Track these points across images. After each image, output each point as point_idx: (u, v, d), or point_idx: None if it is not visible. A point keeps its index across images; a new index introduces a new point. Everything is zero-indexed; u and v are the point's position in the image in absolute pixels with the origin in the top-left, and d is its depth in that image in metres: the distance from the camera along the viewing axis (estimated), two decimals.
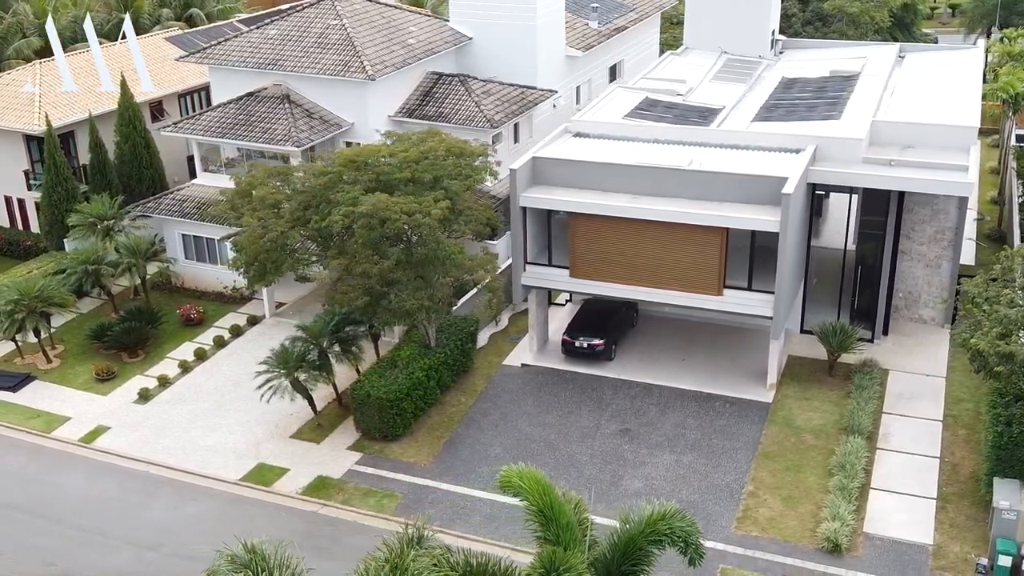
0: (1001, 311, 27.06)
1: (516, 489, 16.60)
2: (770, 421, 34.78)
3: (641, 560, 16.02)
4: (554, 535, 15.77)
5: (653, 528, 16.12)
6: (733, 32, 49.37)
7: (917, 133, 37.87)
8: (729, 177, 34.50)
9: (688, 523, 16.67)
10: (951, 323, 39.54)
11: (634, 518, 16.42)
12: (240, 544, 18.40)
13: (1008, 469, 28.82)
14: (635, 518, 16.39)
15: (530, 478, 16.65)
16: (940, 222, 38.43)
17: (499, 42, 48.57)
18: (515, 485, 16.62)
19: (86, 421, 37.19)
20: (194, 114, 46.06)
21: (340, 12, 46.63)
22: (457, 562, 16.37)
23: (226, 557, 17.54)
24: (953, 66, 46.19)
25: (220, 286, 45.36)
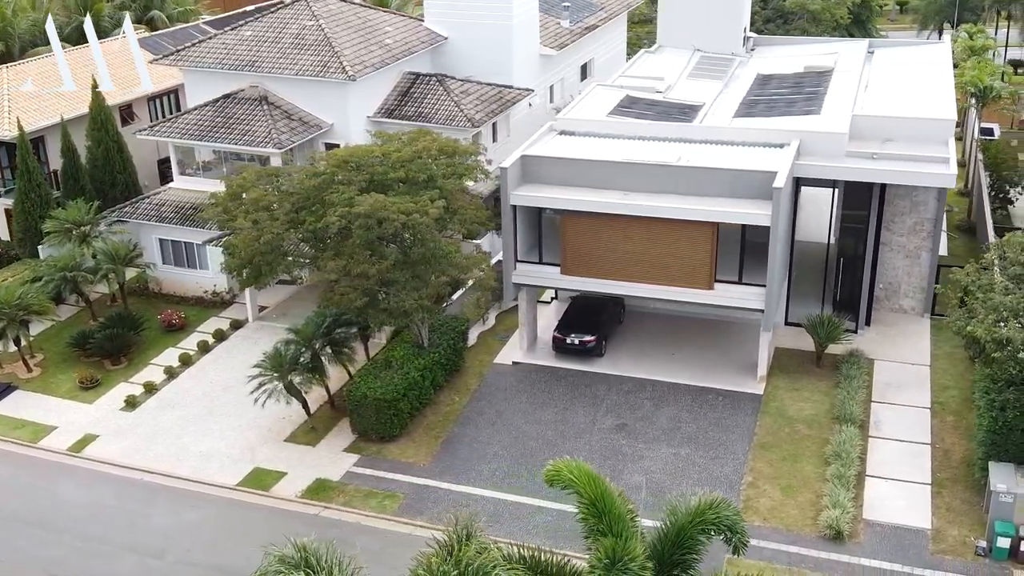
0: (996, 298, 27.70)
1: (566, 482, 16.69)
2: (763, 412, 35.25)
3: (691, 549, 16.22)
4: (607, 526, 15.90)
5: (702, 517, 16.33)
6: (706, 30, 49.90)
7: (896, 126, 38.59)
8: (719, 172, 34.91)
9: (733, 511, 16.91)
10: (931, 312, 40.39)
11: (682, 509, 16.60)
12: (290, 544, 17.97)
13: (1003, 453, 29.48)
14: (683, 509, 16.56)
15: (580, 470, 16.76)
16: (919, 213, 39.21)
17: (475, 42, 48.64)
18: (565, 478, 16.71)
19: (73, 430, 36.63)
20: (170, 117, 45.50)
21: (316, 12, 46.37)
22: (510, 555, 16.42)
23: (275, 557, 17.35)
24: (922, 60, 47.12)
25: (200, 291, 44.93)
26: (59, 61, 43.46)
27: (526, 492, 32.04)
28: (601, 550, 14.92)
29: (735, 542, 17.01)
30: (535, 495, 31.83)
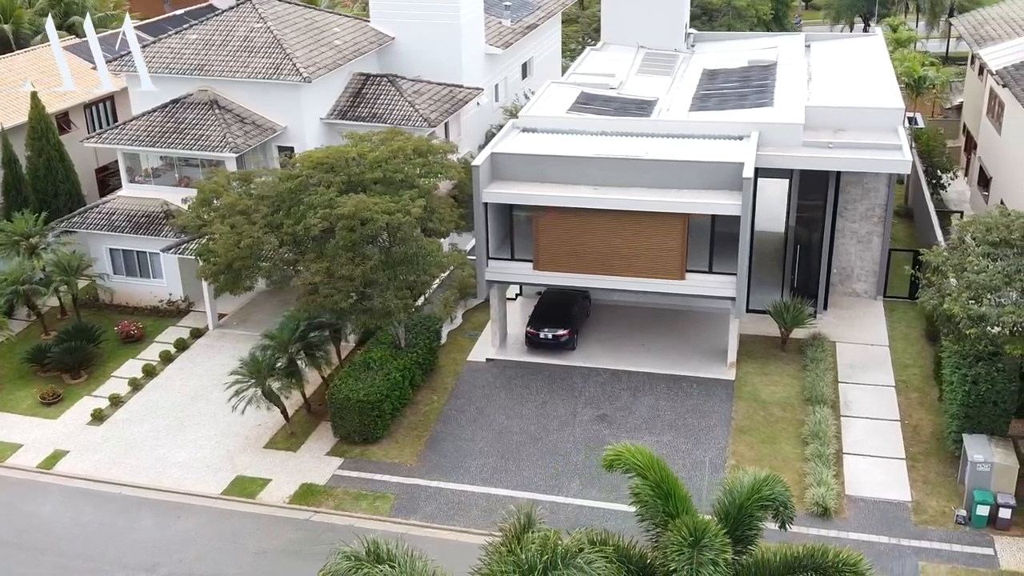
0: (971, 277, 28.93)
1: (629, 465, 17.02)
2: (737, 397, 36.13)
3: (751, 526, 16.69)
4: (674, 508, 16.28)
5: (759, 494, 16.83)
6: (649, 27, 50.82)
7: (847, 116, 39.94)
8: (689, 165, 35.65)
9: (784, 487, 17.46)
10: (883, 295, 41.89)
11: (738, 487, 17.06)
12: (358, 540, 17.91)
13: (976, 425, 30.82)
14: (739, 487, 17.03)
15: (641, 454, 17.12)
16: (871, 200, 40.61)
17: (423, 41, 48.68)
18: (627, 461, 17.03)
19: (41, 447, 35.63)
20: (117, 124, 44.44)
21: (263, 15, 45.83)
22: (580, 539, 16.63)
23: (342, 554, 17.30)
24: (859, 52, 48.77)
25: (155, 300, 44.01)
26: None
27: (517, 486, 32.30)
28: (683, 529, 15.27)
29: (783, 517, 17.56)
30: (527, 489, 32.15)
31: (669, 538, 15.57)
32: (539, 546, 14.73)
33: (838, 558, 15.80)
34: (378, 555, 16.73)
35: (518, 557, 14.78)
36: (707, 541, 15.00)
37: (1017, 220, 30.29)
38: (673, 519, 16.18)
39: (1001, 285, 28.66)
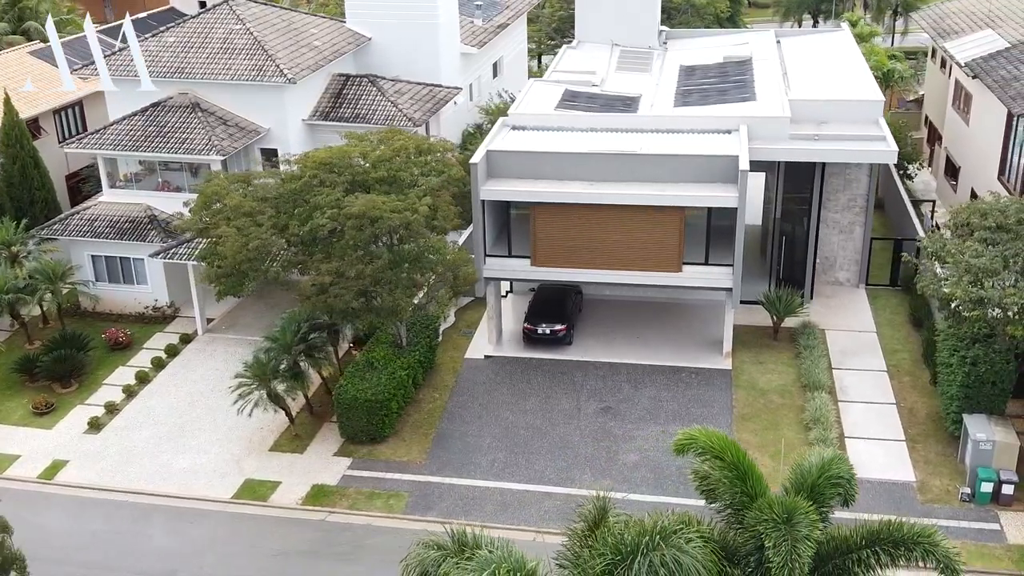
0: (971, 261, 29.86)
1: (702, 447, 17.35)
2: (736, 386, 36.79)
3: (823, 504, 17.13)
4: (752, 488, 16.69)
5: (828, 472, 17.31)
6: (622, 25, 51.39)
7: (830, 109, 40.82)
8: (683, 159, 36.23)
9: (848, 465, 17.97)
10: (865, 283, 42.94)
11: (807, 467, 17.52)
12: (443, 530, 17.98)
13: (975, 405, 31.79)
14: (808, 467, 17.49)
15: (715, 436, 17.46)
16: (852, 190, 41.60)
17: (400, 42, 48.71)
18: (701, 444, 17.35)
19: (39, 457, 35.05)
20: (98, 128, 43.73)
21: (241, 17, 45.52)
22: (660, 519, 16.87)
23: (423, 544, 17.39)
24: (829, 47, 49.85)
25: (140, 307, 43.44)
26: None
27: (530, 480, 32.57)
28: (777, 507, 15.68)
29: (847, 495, 18.07)
30: (540, 482, 32.45)
31: (756, 516, 15.95)
32: (637, 528, 15.01)
33: (913, 531, 16.34)
34: (463, 544, 16.88)
35: (617, 540, 15.05)
36: (799, 518, 15.42)
37: (1012, 205, 31.32)
38: (754, 499, 16.59)
39: (1000, 269, 29.62)
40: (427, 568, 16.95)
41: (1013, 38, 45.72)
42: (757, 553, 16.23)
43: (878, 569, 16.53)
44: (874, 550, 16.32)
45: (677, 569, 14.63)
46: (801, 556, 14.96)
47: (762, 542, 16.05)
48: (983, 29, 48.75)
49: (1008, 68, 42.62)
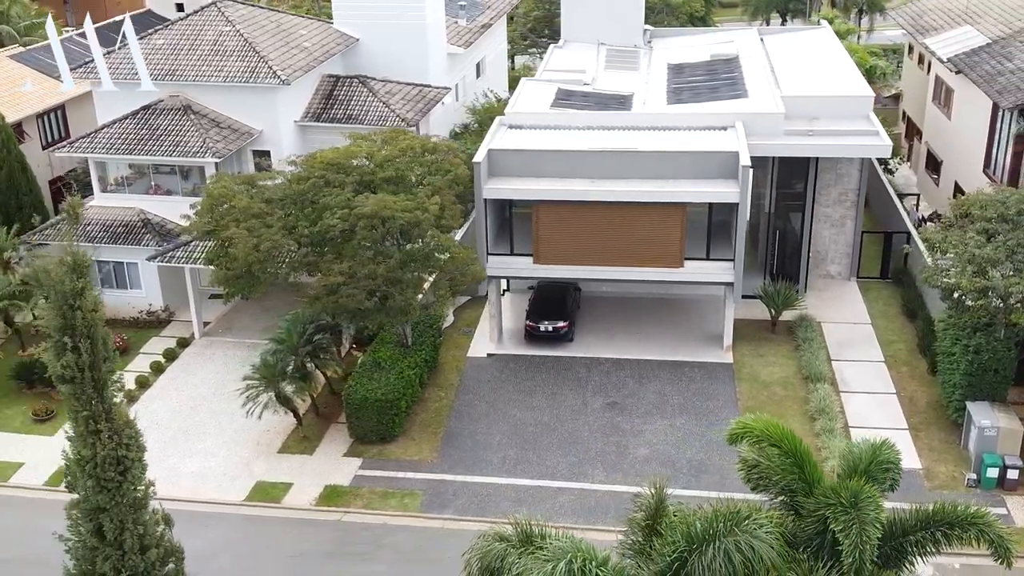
0: (974, 252, 30.54)
1: (760, 436, 17.64)
2: (739, 379, 37.27)
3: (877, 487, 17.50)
4: (810, 475, 17.03)
5: (878, 457, 17.69)
6: (608, 24, 51.78)
7: (821, 105, 41.46)
8: (685, 155, 36.63)
9: (895, 451, 18.35)
10: (856, 276, 43.65)
11: (857, 452, 17.87)
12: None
13: (977, 393, 32.49)
14: (858, 452, 17.84)
15: (771, 424, 17.76)
16: (844, 185, 42.25)
17: (388, 42, 48.70)
18: (758, 433, 17.65)
19: (43, 464, 34.64)
20: (89, 132, 43.27)
21: (231, 18, 45.28)
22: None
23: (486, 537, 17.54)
24: (812, 45, 50.58)
25: (135, 311, 43.06)
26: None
27: (542, 476, 32.79)
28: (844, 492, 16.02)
29: (892, 479, 18.45)
30: (552, 478, 32.68)
31: (821, 501, 16.29)
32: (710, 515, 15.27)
33: (967, 513, 16.77)
34: (528, 536, 17.04)
35: (688, 528, 15.30)
36: (865, 501, 15.77)
37: (1013, 196, 32.06)
38: (811, 486, 16.93)
39: (1003, 258, 30.32)
40: (490, 561, 17.09)
41: (993, 34, 46.69)
42: (817, 539, 16.57)
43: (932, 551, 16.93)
44: (930, 532, 16.71)
45: (751, 555, 14.91)
46: (870, 538, 15.32)
47: (823, 527, 16.40)
48: (962, 26, 49.71)
49: (991, 63, 43.52)
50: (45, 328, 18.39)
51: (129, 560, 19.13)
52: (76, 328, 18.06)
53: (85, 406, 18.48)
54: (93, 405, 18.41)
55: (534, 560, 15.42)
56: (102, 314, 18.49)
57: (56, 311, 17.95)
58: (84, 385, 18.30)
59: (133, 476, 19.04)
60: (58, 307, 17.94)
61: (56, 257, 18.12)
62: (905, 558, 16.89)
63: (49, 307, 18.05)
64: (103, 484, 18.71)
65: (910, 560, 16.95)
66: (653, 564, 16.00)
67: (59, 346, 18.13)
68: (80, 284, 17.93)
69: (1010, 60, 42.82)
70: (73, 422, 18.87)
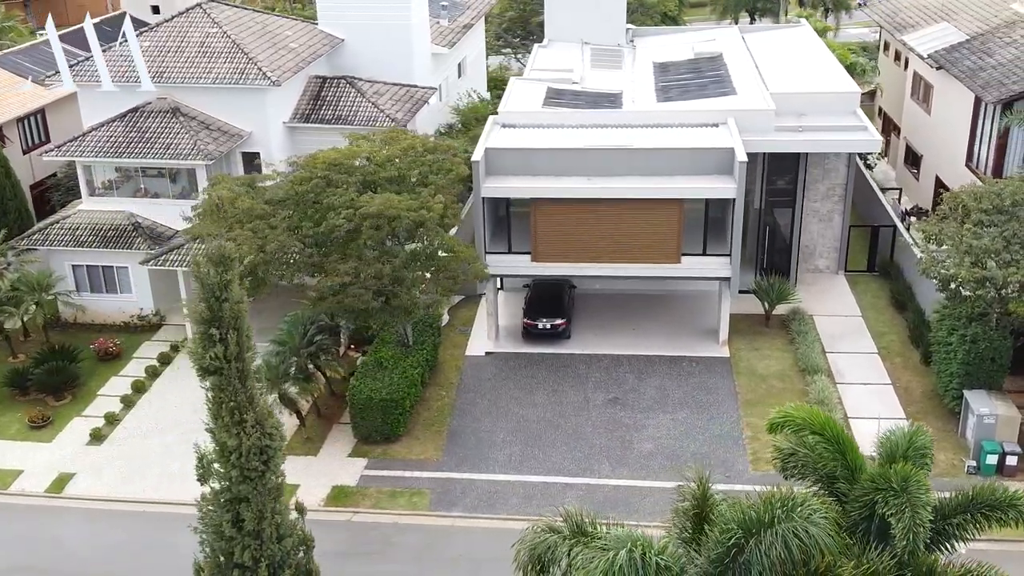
0: (972, 242, 31.17)
1: (802, 424, 17.94)
2: (737, 373, 37.70)
3: None
4: (852, 462, 17.37)
5: (914, 443, 18.06)
6: (591, 23, 52.08)
7: (809, 101, 42.01)
8: (681, 152, 37.02)
9: (929, 437, 18.72)
10: (844, 270, 44.30)
11: (894, 439, 18.22)
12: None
13: (975, 381, 33.13)
14: (895, 438, 18.19)
15: (812, 412, 18.07)
16: (831, 179, 42.85)
17: (374, 43, 48.57)
18: (800, 421, 17.95)
19: (42, 471, 34.31)
20: (77, 135, 42.74)
21: (217, 20, 45.01)
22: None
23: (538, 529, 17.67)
24: (794, 42, 51.22)
25: (125, 316, 42.65)
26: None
27: (549, 472, 32.99)
28: (893, 477, 16.35)
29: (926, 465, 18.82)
30: (559, 473, 32.90)
31: (871, 486, 16.62)
32: (765, 502, 15.53)
33: (1007, 495, 17.17)
34: (580, 528, 17.20)
35: (743, 515, 15.56)
36: (914, 485, 16.13)
37: (1007, 188, 32.74)
38: (854, 472, 17.27)
39: (1001, 249, 30.97)
40: (541, 553, 17.24)
41: (970, 30, 47.56)
42: (863, 523, 16.91)
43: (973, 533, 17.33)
44: (971, 515, 17.10)
45: (808, 540, 15.19)
46: (923, 521, 15.68)
47: (869, 512, 16.75)
48: (938, 23, 50.58)
49: (972, 59, 44.35)
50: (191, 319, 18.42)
51: (267, 549, 19.19)
52: (223, 319, 18.16)
53: (231, 396, 18.56)
54: (238, 395, 18.28)
55: (593, 550, 15.57)
56: (246, 306, 18.48)
57: (203, 303, 18.02)
58: (230, 376, 18.34)
59: (275, 465, 19.07)
60: (205, 299, 18.05)
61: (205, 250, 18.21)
62: (947, 541, 17.26)
63: (196, 300, 18.07)
64: (246, 474, 18.84)
65: (951, 544, 17.32)
66: (705, 552, 16.22)
67: (207, 338, 18.15)
68: (227, 277, 17.86)
69: (991, 56, 43.68)
70: (215, 413, 18.91)
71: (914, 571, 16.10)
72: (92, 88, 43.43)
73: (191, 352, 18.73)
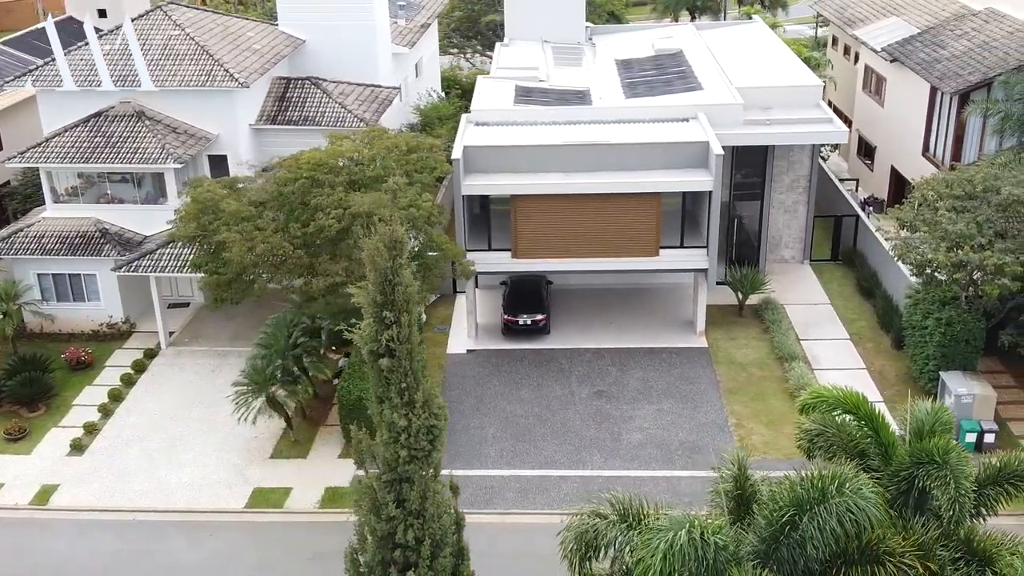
0: (949, 228, 32.18)
1: (835, 404, 18.44)
2: (716, 362, 38.35)
3: None
4: (886, 440, 17.90)
5: (938, 418, 18.65)
6: (551, 22, 52.48)
7: (774, 95, 42.87)
8: (657, 146, 37.54)
9: (949, 412, 19.32)
10: (809, 259, 45.31)
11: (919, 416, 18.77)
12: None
13: (951, 363, 34.19)
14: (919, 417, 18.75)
15: (844, 393, 18.58)
16: (796, 171, 43.80)
17: (336, 43, 48.30)
18: (833, 400, 18.45)
19: (24, 483, 33.60)
20: (40, 141, 41.81)
21: (178, 22, 44.41)
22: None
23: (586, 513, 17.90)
24: (750, 38, 52.20)
25: (94, 324, 41.89)
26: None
27: (542, 465, 33.24)
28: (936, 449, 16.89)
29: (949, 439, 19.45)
30: (553, 467, 33.17)
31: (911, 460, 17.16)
32: (816, 478, 15.97)
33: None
34: (625, 513, 17.47)
35: (794, 493, 15.98)
36: (955, 458, 16.71)
37: (978, 175, 33.85)
38: (888, 449, 17.82)
39: (975, 233, 32.02)
40: (589, 538, 17.49)
41: (920, 24, 48.99)
42: (901, 498, 17.46)
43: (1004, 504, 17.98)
44: (1001, 487, 17.75)
45: (858, 514, 15.67)
46: (967, 491, 16.28)
47: (908, 487, 17.32)
48: (888, 17, 51.99)
49: (925, 51, 45.70)
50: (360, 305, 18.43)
51: (429, 527, 19.09)
52: (396, 303, 18.17)
53: (403, 378, 18.51)
54: (408, 377, 18.42)
55: (650, 532, 15.85)
56: (415, 289, 18.60)
57: (376, 288, 18.08)
58: (403, 358, 18.32)
59: (440, 444, 19.25)
60: (378, 284, 18.05)
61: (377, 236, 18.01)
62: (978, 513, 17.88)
63: (368, 284, 18.23)
64: (414, 453, 18.79)
65: (982, 515, 17.94)
66: (755, 530, 16.61)
67: (380, 321, 18.18)
68: (399, 260, 17.93)
69: (943, 48, 45.05)
70: (384, 395, 18.84)
71: (956, 541, 16.65)
72: (52, 93, 42.61)
73: (361, 336, 18.70)
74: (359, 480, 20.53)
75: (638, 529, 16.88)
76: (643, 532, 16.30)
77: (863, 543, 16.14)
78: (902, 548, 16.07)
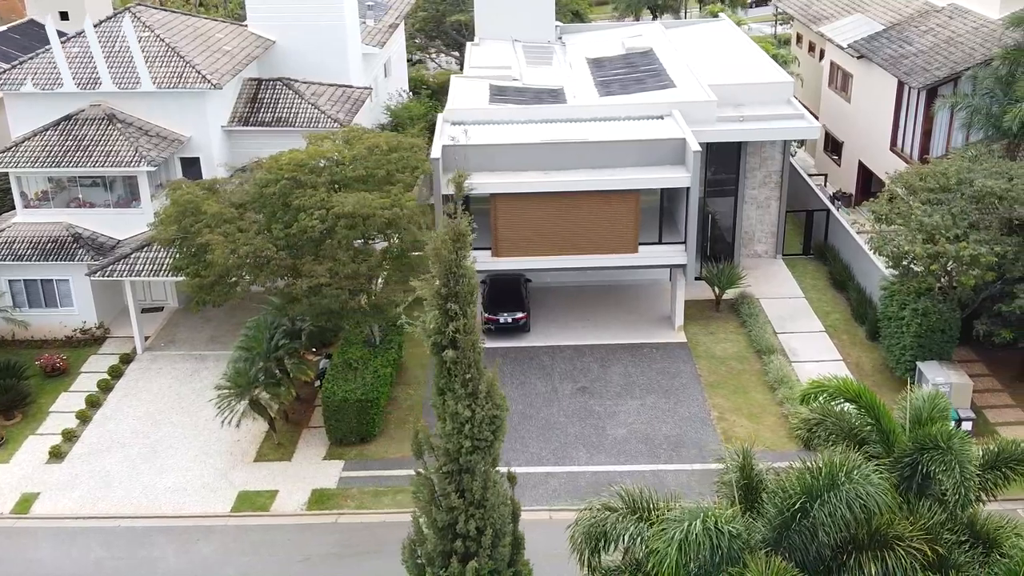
0: (925, 220, 32.73)
1: (837, 393, 18.71)
2: (697, 357, 38.69)
3: None
4: (888, 427, 18.20)
5: (936, 404, 19.00)
6: (521, 21, 52.61)
7: (745, 92, 43.35)
8: (635, 144, 37.79)
9: (946, 399, 19.66)
10: (781, 254, 45.83)
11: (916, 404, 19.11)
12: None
13: (927, 353, 34.77)
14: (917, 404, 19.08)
15: (846, 382, 18.86)
16: (768, 167, 44.28)
17: (307, 44, 48.07)
18: (834, 390, 18.72)
19: (4, 491, 33.16)
20: (9, 146, 41.20)
21: (148, 23, 43.97)
22: None
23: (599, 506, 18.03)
24: (718, 36, 52.67)
25: (67, 330, 41.38)
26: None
27: (529, 462, 33.32)
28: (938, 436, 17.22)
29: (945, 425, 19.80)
30: (539, 463, 33.33)
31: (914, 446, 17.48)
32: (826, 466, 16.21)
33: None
34: (635, 505, 17.62)
35: (805, 481, 16.23)
36: (958, 443, 17.04)
37: (951, 167, 34.45)
38: (889, 436, 18.14)
39: (951, 225, 32.60)
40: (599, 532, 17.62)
41: (885, 20, 49.75)
42: (905, 483, 17.78)
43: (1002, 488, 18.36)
44: (1000, 471, 18.14)
45: (867, 500, 15.95)
46: (971, 474, 16.62)
47: (911, 472, 17.64)
48: (852, 14, 52.73)
49: (892, 47, 46.41)
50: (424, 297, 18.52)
51: (490, 517, 19.16)
52: (460, 295, 18.26)
53: (467, 369, 18.66)
54: (471, 368, 18.58)
55: (664, 523, 16.02)
56: (476, 282, 18.64)
57: (442, 280, 18.17)
58: (467, 350, 18.48)
59: (501, 434, 19.54)
60: (443, 276, 18.16)
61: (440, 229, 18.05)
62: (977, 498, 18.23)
63: (432, 277, 18.35)
64: (477, 443, 18.94)
65: (981, 500, 18.31)
66: (765, 518, 16.83)
67: (446, 313, 18.26)
68: (463, 253, 18.02)
69: (909, 44, 45.78)
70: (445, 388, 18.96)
71: (961, 525, 16.99)
72: (19, 96, 42.03)
73: (424, 328, 18.74)
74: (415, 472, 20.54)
75: (649, 521, 17.02)
76: (656, 523, 16.43)
77: (872, 528, 16.43)
78: (910, 532, 16.37)
